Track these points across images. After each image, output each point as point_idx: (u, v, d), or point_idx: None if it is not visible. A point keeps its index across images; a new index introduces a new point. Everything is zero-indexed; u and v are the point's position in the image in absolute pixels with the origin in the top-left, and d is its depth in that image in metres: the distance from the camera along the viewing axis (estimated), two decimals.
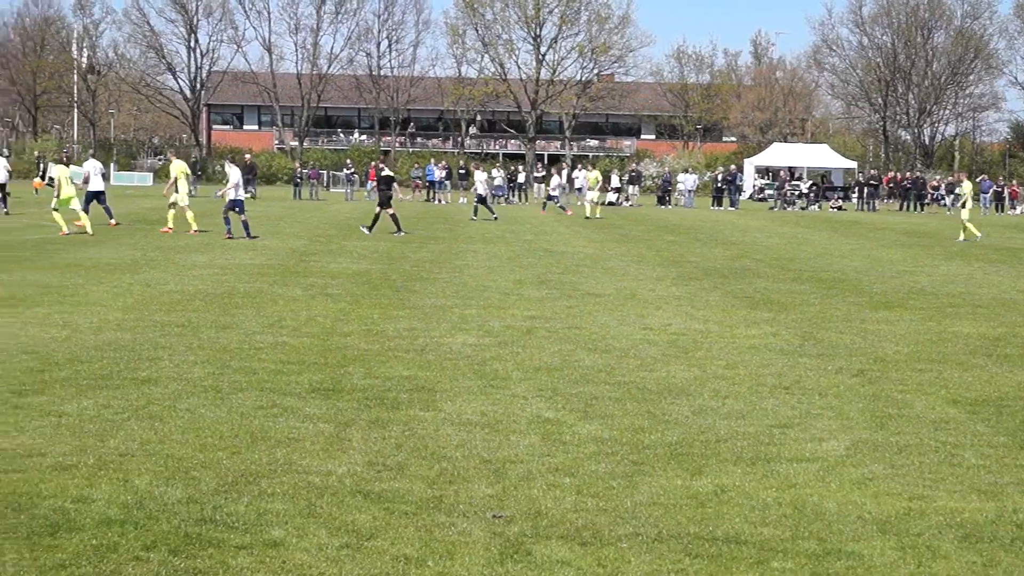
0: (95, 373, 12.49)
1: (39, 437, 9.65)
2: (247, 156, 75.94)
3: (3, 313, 16.90)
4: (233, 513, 7.82)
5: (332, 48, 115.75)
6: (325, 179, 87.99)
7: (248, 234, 32.79)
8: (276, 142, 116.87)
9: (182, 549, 7.14)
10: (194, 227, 35.09)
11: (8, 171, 47.51)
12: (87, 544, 7.16)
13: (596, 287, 22.68)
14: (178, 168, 36.33)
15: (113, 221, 37.22)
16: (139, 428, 10.03)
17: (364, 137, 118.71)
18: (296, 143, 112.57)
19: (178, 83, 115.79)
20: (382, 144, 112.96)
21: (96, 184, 37.69)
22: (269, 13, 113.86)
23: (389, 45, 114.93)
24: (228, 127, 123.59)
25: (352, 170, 78.69)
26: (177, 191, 35.73)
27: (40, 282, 21.08)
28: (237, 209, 32.88)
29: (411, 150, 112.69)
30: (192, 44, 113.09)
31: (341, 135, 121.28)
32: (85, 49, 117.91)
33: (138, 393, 11.47)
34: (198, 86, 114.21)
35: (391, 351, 14.43)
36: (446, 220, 48.04)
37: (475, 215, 48.32)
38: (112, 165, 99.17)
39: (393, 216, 36.85)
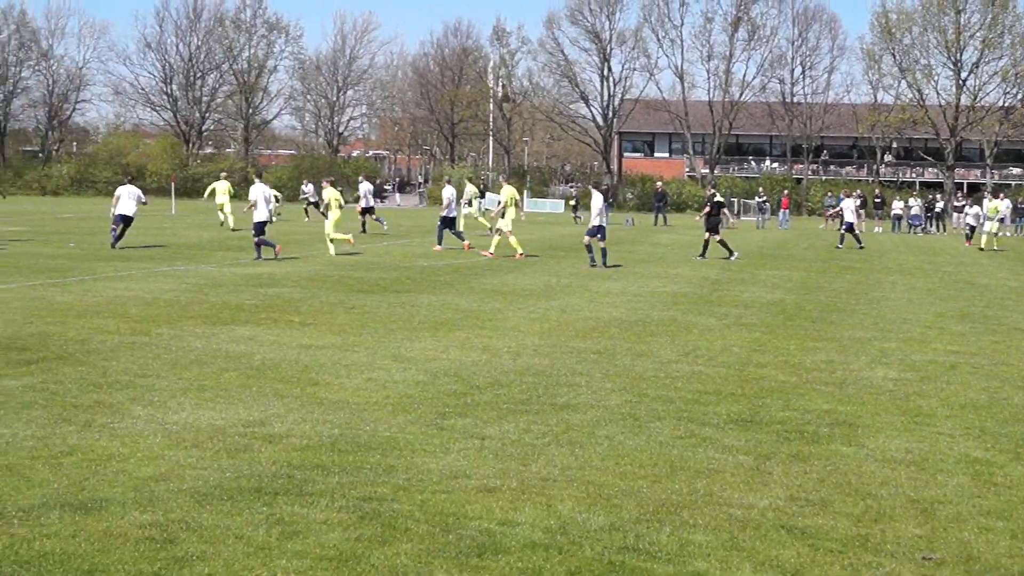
0: (515, 397, 12.71)
1: (463, 459, 9.86)
2: (658, 184, 76.52)
3: (425, 336, 17.45)
4: (656, 543, 7.76)
5: (744, 75, 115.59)
6: (736, 207, 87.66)
7: (605, 263, 32.80)
8: (687, 170, 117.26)
9: None
10: (520, 251, 35.83)
11: (370, 194, 49.56)
12: (513, 567, 7.24)
13: (1023, 322, 21.72)
14: (509, 193, 36.76)
15: (466, 243, 39.00)
16: (559, 454, 10.12)
17: (776, 165, 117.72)
18: (707, 171, 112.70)
19: (590, 111, 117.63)
20: (794, 172, 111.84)
21: (450, 211, 39.52)
22: (682, 41, 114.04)
23: (803, 71, 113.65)
24: (639, 155, 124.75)
25: (764, 198, 78.22)
26: (503, 217, 36.27)
27: (460, 306, 21.69)
28: (599, 236, 32.89)
29: (824, 178, 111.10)
30: (605, 73, 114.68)
31: (752, 163, 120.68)
32: (501, 78, 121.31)
33: (557, 419, 11.59)
34: (610, 114, 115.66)
35: (809, 383, 14.15)
36: (859, 250, 46.95)
37: (840, 243, 48.48)
38: (525, 192, 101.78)
39: (721, 241, 37.59)
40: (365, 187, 49.73)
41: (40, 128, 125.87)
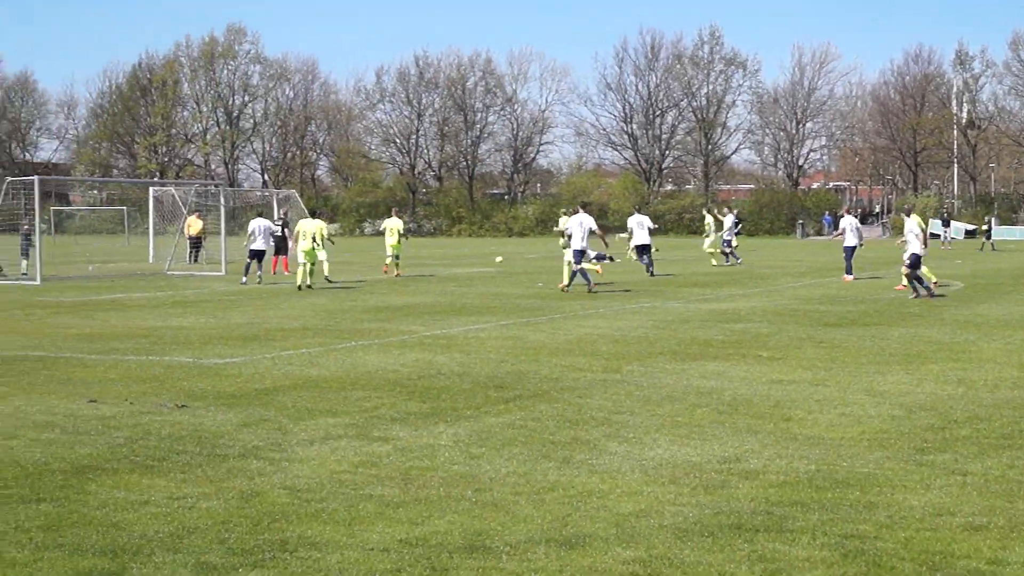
0: (996, 432, 12.29)
1: (946, 495, 9.59)
2: None
3: (898, 370, 17.10)
4: None
5: None
6: None
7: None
8: None
9: None
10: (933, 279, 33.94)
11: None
12: None
13: None
14: (916, 221, 35.21)
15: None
16: None
17: None
18: None
19: None
20: None
21: (850, 240, 38.82)
22: None
23: None
24: None
25: None
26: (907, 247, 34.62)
27: (931, 338, 21.16)
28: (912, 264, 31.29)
29: None
30: None
31: None
32: (965, 103, 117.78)
33: None
34: None
35: None
36: None
37: None
38: (992, 220, 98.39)
39: None
40: (719, 220, 50.72)
41: (506, 171, 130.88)
